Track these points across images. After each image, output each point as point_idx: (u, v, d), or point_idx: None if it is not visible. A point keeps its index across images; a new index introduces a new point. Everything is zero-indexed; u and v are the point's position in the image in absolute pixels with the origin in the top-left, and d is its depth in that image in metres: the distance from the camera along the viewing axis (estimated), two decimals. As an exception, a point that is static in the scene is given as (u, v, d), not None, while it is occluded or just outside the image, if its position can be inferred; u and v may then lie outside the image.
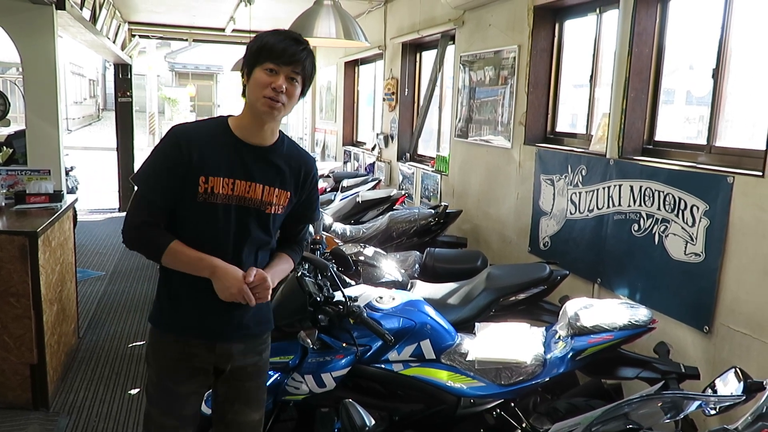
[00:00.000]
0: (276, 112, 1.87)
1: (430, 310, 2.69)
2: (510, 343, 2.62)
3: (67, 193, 4.69)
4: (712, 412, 1.64)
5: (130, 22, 9.53)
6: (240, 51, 8.76)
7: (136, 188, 1.93)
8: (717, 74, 2.96)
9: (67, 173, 6.35)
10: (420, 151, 6.65)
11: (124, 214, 2.11)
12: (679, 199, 2.96)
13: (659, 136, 3.43)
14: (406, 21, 6.37)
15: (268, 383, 2.49)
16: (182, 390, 2.02)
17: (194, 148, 1.88)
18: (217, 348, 2.00)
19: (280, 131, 2.02)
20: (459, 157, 5.40)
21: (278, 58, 1.85)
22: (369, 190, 5.71)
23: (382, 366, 2.55)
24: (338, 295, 2.50)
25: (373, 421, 1.67)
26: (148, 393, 2.09)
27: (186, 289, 1.96)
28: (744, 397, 1.62)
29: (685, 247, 2.93)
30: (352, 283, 3.10)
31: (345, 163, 8.68)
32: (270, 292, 1.93)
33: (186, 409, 2.04)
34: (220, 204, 1.90)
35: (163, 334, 2.02)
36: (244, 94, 1.93)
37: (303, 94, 1.95)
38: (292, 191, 2.01)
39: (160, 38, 11.75)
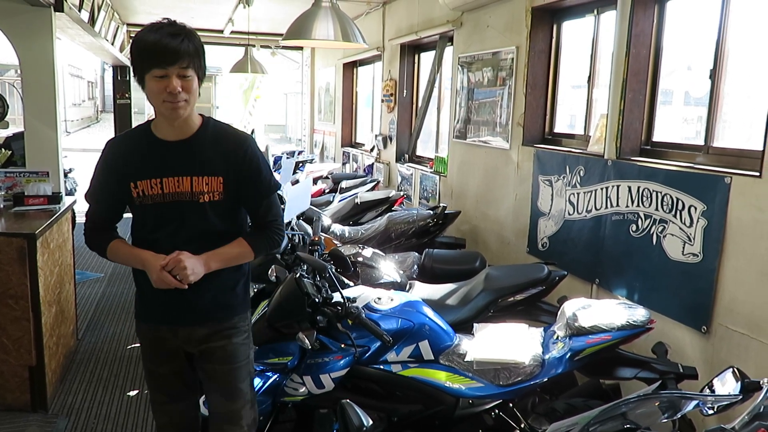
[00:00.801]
0: (181, 111, 1.91)
1: (428, 311, 2.69)
2: (508, 343, 2.62)
3: (66, 194, 4.69)
4: (710, 411, 1.64)
5: (128, 24, 9.53)
6: (239, 53, 8.76)
7: None
8: (714, 75, 2.97)
9: (65, 175, 6.35)
10: (418, 152, 6.66)
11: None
12: (677, 199, 2.97)
13: (657, 137, 3.43)
14: (404, 22, 6.37)
15: (266, 384, 2.50)
16: (161, 370, 2.19)
17: (120, 157, 2.03)
18: (180, 332, 2.12)
19: (206, 117, 2.05)
20: (457, 158, 5.40)
21: (162, 62, 1.84)
22: (368, 191, 5.71)
23: (381, 367, 2.55)
24: (337, 296, 2.50)
25: (371, 422, 1.67)
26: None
27: (146, 280, 2.03)
28: (741, 397, 1.62)
29: (683, 248, 2.94)
30: (351, 284, 3.10)
31: (344, 164, 8.69)
32: (188, 271, 1.94)
33: (170, 386, 2.21)
34: (152, 204, 2.00)
35: (140, 322, 2.20)
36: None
37: (202, 76, 1.95)
38: (223, 175, 2.01)
39: (159, 40, 11.73)
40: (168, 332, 2.13)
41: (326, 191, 6.62)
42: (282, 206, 3.46)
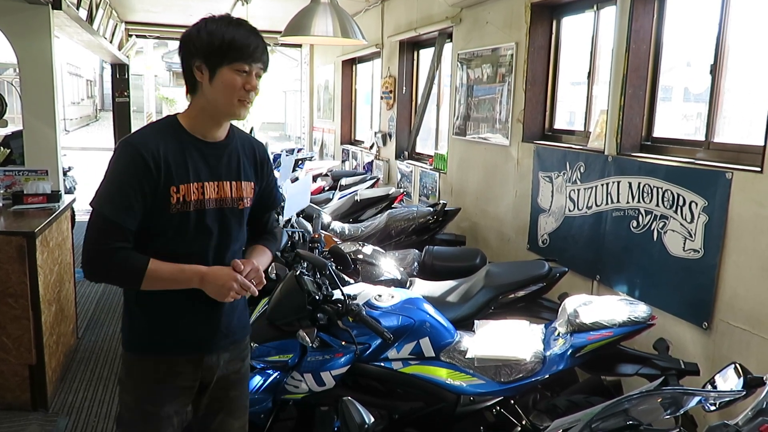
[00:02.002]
0: (246, 112, 1.80)
1: (429, 308, 2.69)
2: (509, 340, 2.62)
3: (65, 193, 4.68)
4: (712, 407, 1.63)
5: (126, 22, 9.51)
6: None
7: (94, 213, 1.74)
8: (715, 70, 2.96)
9: (64, 173, 6.35)
10: (418, 149, 6.65)
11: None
12: (678, 195, 2.96)
13: (657, 133, 3.43)
14: (404, 19, 6.36)
15: (267, 382, 2.50)
16: (164, 412, 1.88)
17: (158, 157, 1.72)
18: (205, 361, 1.90)
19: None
20: (457, 155, 5.39)
21: (249, 57, 1.74)
22: (367, 188, 5.71)
23: (382, 364, 2.55)
24: (337, 294, 2.49)
25: (372, 419, 1.66)
26: (122, 419, 1.94)
27: (165, 307, 1.83)
28: (744, 393, 1.61)
29: (684, 244, 2.93)
30: (351, 281, 3.10)
31: (343, 161, 8.68)
32: (263, 275, 1.85)
33: (165, 429, 1.92)
34: (193, 211, 1.79)
35: (142, 358, 1.88)
36: (193, 91, 1.80)
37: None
38: (254, 180, 1.94)
39: (157, 38, 11.74)
40: (188, 364, 1.87)
41: (326, 189, 6.62)
42: (282, 204, 3.46)
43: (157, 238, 1.78)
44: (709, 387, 1.73)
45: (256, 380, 2.52)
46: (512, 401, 2.50)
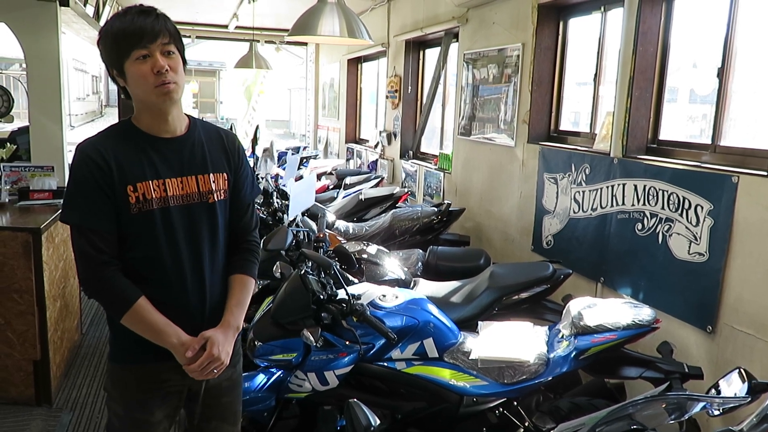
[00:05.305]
0: (174, 94, 1.71)
1: (433, 309, 2.69)
2: (513, 341, 2.62)
3: (71, 189, 4.68)
4: (716, 412, 1.63)
5: (133, 19, 9.52)
6: (243, 48, 8.74)
7: (70, 229, 1.73)
8: (722, 73, 2.95)
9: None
10: (423, 149, 6.65)
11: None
12: (684, 198, 2.95)
13: (663, 135, 3.42)
14: (410, 18, 6.36)
15: (270, 381, 2.51)
16: (154, 418, 1.87)
17: (109, 159, 1.70)
18: None
19: (188, 115, 1.87)
20: (462, 155, 5.39)
21: (140, 41, 1.66)
22: (372, 187, 5.71)
23: (385, 364, 2.55)
24: (341, 293, 2.49)
25: (378, 421, 1.66)
26: (113, 427, 1.91)
27: None
28: (749, 398, 1.61)
29: (689, 247, 2.93)
30: (355, 281, 3.10)
31: (348, 160, 8.68)
32: (224, 357, 1.79)
33: None
34: (157, 209, 1.74)
35: (127, 368, 1.86)
36: (128, 97, 1.76)
37: (184, 61, 1.78)
38: (227, 171, 1.87)
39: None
40: (172, 371, 1.82)
41: (330, 187, 6.62)
42: (286, 202, 3.46)
43: (126, 243, 1.75)
44: (713, 392, 1.73)
45: (260, 378, 2.53)
46: (515, 403, 2.50)
